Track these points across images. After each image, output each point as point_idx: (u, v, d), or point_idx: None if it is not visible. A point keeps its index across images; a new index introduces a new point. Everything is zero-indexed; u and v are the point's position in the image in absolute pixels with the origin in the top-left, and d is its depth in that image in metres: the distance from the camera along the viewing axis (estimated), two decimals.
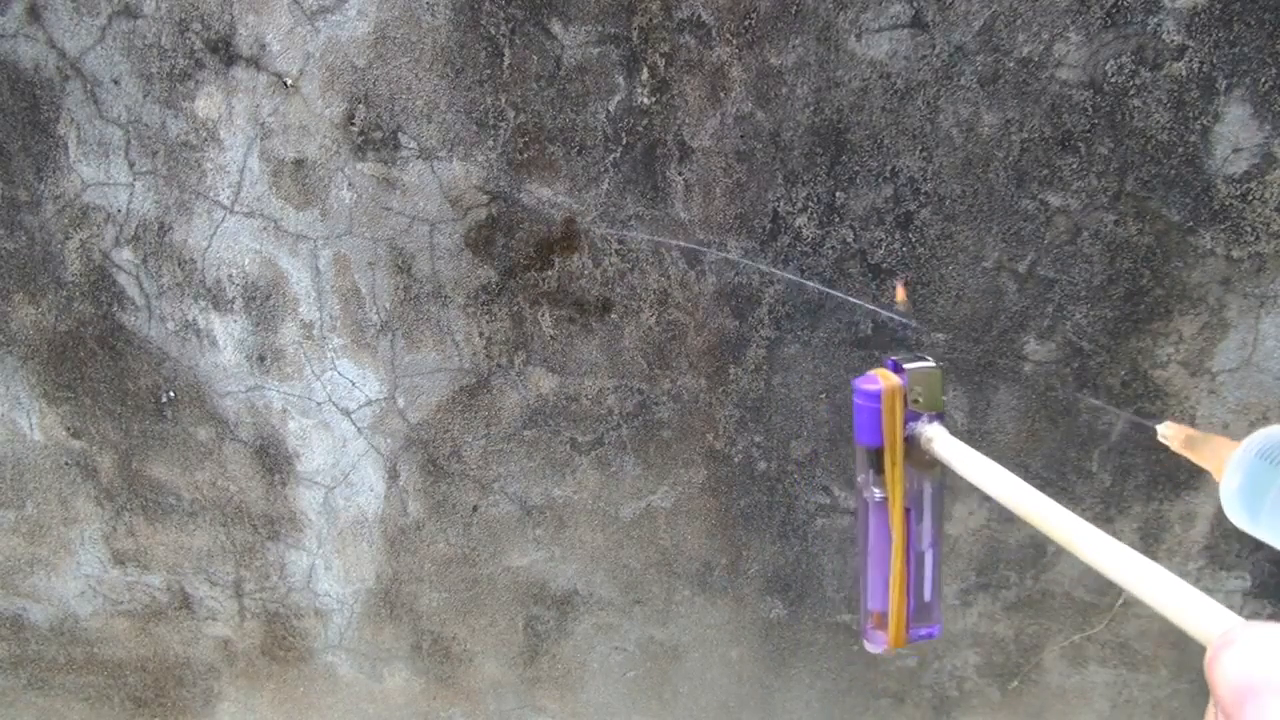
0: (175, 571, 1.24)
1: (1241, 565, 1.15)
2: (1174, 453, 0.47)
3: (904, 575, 0.59)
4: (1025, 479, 0.46)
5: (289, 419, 1.15)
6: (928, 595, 0.61)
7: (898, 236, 1.03)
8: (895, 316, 1.02)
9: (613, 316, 1.08)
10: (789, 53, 0.98)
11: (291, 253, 1.08)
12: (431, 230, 1.06)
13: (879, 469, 0.57)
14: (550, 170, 1.03)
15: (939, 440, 0.55)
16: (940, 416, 0.57)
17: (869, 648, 0.61)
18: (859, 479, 0.60)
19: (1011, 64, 0.96)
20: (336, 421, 1.15)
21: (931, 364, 0.57)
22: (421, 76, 1.00)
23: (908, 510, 0.58)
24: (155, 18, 0.99)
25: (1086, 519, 0.42)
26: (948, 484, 0.60)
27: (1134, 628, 1.19)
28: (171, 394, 1.14)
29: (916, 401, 0.56)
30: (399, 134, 1.02)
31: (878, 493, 0.58)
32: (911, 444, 0.57)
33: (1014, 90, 0.97)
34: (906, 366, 0.57)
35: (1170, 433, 0.48)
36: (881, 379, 0.56)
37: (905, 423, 0.57)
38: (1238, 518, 0.42)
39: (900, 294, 1.04)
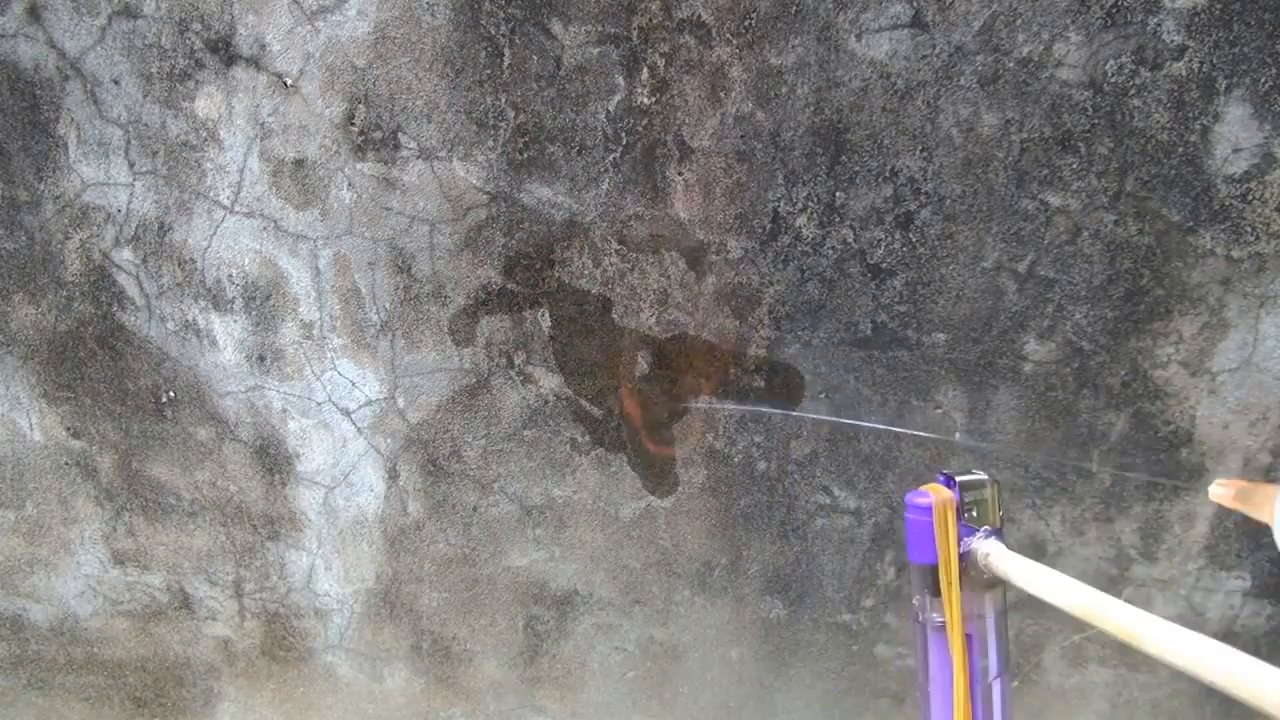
0: (175, 571, 1.24)
1: (1241, 565, 1.15)
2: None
3: (969, 710, 0.54)
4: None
5: (289, 419, 1.15)
6: None
7: (898, 236, 1.03)
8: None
9: (613, 316, 1.08)
10: (789, 53, 0.98)
11: (291, 253, 1.08)
12: (431, 230, 1.06)
13: (934, 590, 0.54)
14: (550, 170, 1.03)
15: (996, 556, 0.52)
16: (998, 531, 0.54)
17: None
18: (914, 600, 0.56)
19: (1011, 64, 0.96)
20: (336, 421, 1.15)
21: (984, 477, 0.55)
22: (421, 76, 1.00)
23: (969, 636, 0.54)
24: (155, 18, 0.99)
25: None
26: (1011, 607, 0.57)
27: None
28: (171, 394, 1.14)
29: (970, 515, 0.54)
30: (399, 134, 1.02)
31: (936, 617, 0.54)
32: (968, 562, 0.54)
33: (1014, 90, 0.97)
34: (958, 479, 0.55)
35: (1223, 490, 0.45)
36: (932, 493, 0.54)
37: (960, 538, 0.54)
38: None
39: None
